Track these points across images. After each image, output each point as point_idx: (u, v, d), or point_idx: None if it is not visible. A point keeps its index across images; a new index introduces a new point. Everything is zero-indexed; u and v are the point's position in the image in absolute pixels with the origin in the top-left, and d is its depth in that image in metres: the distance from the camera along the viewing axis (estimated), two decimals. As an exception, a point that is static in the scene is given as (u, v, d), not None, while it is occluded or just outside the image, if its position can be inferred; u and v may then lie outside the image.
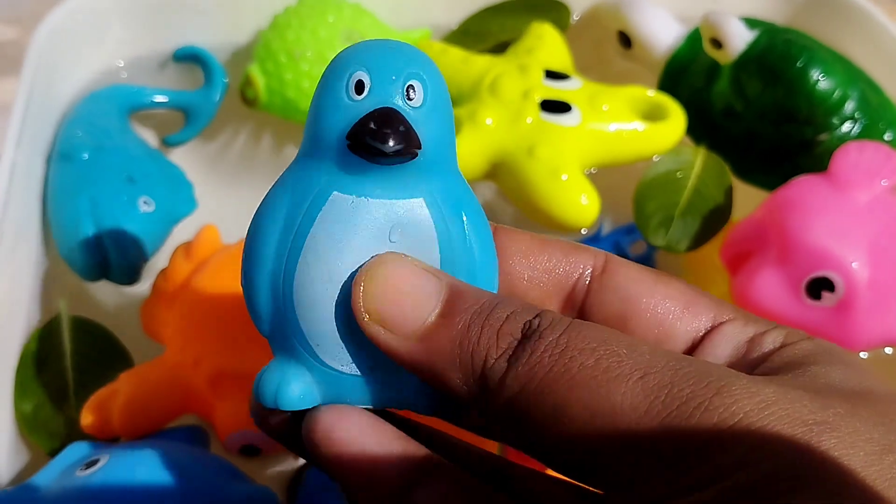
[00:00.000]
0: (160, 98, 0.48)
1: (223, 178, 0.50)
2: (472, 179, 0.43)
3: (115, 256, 0.39)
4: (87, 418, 0.33)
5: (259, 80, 0.45)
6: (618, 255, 0.44)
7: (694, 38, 0.47)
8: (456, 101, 0.45)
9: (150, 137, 0.48)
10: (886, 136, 0.43)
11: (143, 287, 0.41)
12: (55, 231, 0.41)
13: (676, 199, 0.42)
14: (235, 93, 0.47)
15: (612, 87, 0.44)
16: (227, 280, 0.36)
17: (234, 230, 0.39)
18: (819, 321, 0.35)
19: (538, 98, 0.42)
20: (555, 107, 0.42)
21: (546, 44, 0.47)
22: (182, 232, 0.43)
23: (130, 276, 0.40)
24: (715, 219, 0.42)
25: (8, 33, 0.60)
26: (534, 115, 0.42)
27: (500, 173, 0.42)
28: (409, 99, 0.19)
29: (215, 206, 0.46)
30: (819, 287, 0.35)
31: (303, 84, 0.45)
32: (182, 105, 0.48)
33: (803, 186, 0.38)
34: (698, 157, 0.44)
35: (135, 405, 0.33)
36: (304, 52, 0.44)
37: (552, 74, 0.44)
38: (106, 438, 0.34)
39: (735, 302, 0.38)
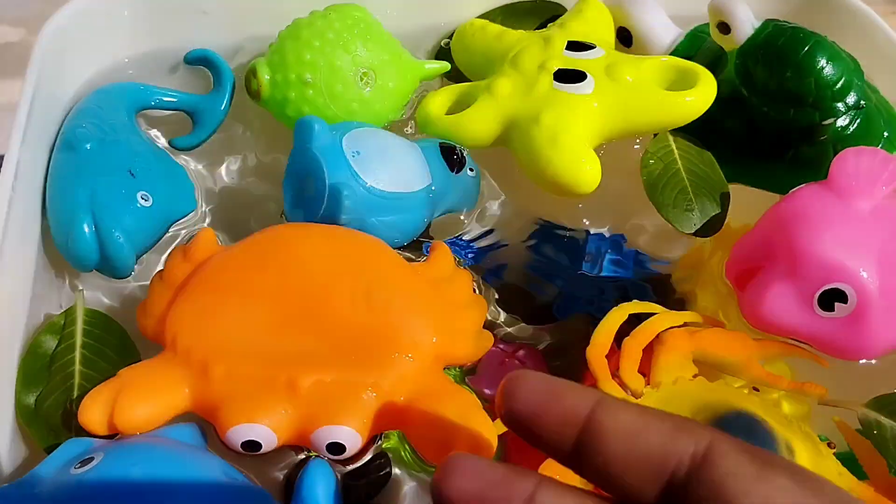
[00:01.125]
0: (169, 98, 0.47)
1: (227, 181, 0.49)
2: (485, 146, 0.44)
3: (107, 248, 0.38)
4: (85, 414, 0.32)
5: (263, 81, 0.44)
6: (615, 252, 0.45)
7: (694, 35, 0.47)
8: (486, 73, 0.46)
9: (157, 139, 0.48)
10: (885, 134, 0.43)
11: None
12: (51, 219, 0.40)
13: (683, 185, 0.43)
14: (244, 94, 0.47)
15: (637, 57, 0.44)
16: (225, 281, 0.35)
17: (236, 232, 0.40)
18: (832, 332, 0.35)
19: (553, 68, 0.43)
20: (568, 76, 0.43)
21: (583, 16, 0.48)
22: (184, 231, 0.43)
23: (121, 269, 0.39)
24: (721, 194, 0.43)
25: (14, 35, 0.60)
26: (546, 85, 0.43)
27: (510, 140, 0.43)
28: None
29: (218, 207, 0.46)
30: (831, 299, 0.35)
31: (303, 108, 0.44)
32: (190, 107, 0.48)
33: (805, 197, 0.38)
34: (671, 141, 0.44)
35: (135, 402, 0.32)
36: (315, 79, 0.44)
37: (574, 45, 0.45)
38: (104, 435, 0.33)
39: (745, 317, 0.37)
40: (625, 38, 0.49)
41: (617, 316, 0.37)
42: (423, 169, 0.41)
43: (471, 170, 0.43)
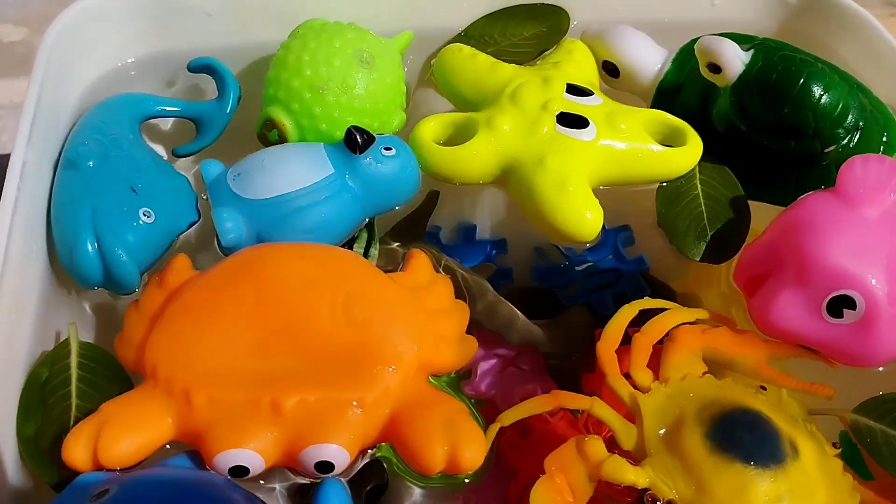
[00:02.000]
0: (172, 108, 0.47)
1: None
2: (481, 183, 0.43)
3: (111, 266, 0.38)
4: (69, 452, 0.32)
5: (285, 121, 0.44)
6: (615, 258, 0.45)
7: (681, 60, 0.47)
8: (478, 105, 0.45)
9: (159, 148, 0.48)
10: (883, 138, 0.43)
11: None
12: (56, 238, 0.40)
13: (699, 210, 0.42)
14: (244, 103, 0.47)
15: (632, 108, 0.44)
16: (201, 306, 0.35)
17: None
18: (841, 339, 0.35)
19: (556, 110, 0.42)
20: (572, 121, 0.42)
21: (574, 59, 0.47)
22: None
23: (125, 286, 0.39)
24: (739, 221, 0.42)
25: (17, 34, 0.60)
26: (550, 127, 0.42)
27: (509, 180, 0.42)
28: None
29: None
30: (840, 305, 0.35)
31: (333, 114, 0.44)
32: (194, 115, 0.47)
33: (814, 205, 0.37)
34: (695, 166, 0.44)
35: (118, 437, 0.32)
36: (327, 84, 0.44)
37: (574, 89, 0.44)
38: (90, 471, 0.32)
39: (755, 323, 0.37)
40: (611, 70, 0.49)
41: (628, 311, 0.37)
42: (316, 163, 0.41)
43: (387, 149, 0.41)
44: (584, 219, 0.40)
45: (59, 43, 0.44)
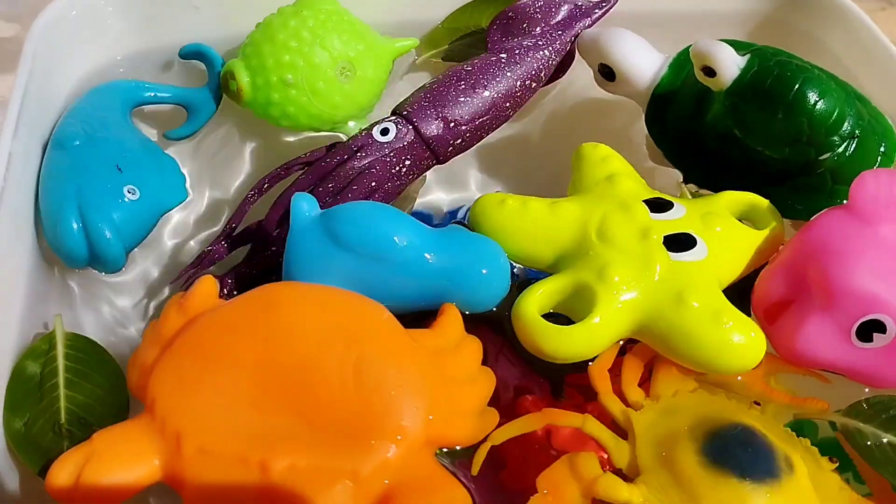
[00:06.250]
0: (163, 94, 0.46)
1: (221, 173, 0.47)
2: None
3: (96, 243, 0.37)
4: (53, 478, 0.30)
5: (244, 85, 0.43)
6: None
7: (678, 65, 0.44)
8: (560, 259, 0.37)
9: (151, 133, 0.47)
10: (881, 149, 0.40)
11: (138, 299, 0.42)
12: (43, 217, 0.39)
13: None
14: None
15: (708, 199, 0.38)
16: (211, 346, 0.32)
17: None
18: (871, 363, 0.33)
19: (657, 237, 0.35)
20: (680, 243, 0.35)
21: (625, 169, 0.40)
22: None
23: (111, 264, 0.38)
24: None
25: (7, 30, 0.58)
26: (662, 258, 0.35)
27: (647, 332, 0.34)
28: None
29: (211, 199, 0.45)
30: (869, 329, 0.33)
31: (288, 109, 0.43)
32: (184, 101, 0.46)
33: (830, 225, 0.35)
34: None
35: (102, 473, 0.30)
36: (296, 79, 0.42)
37: (654, 205, 0.37)
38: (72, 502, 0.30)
39: (778, 351, 0.35)
40: (607, 73, 0.46)
41: None
42: None
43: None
44: (752, 345, 0.33)
45: (45, 37, 0.43)
